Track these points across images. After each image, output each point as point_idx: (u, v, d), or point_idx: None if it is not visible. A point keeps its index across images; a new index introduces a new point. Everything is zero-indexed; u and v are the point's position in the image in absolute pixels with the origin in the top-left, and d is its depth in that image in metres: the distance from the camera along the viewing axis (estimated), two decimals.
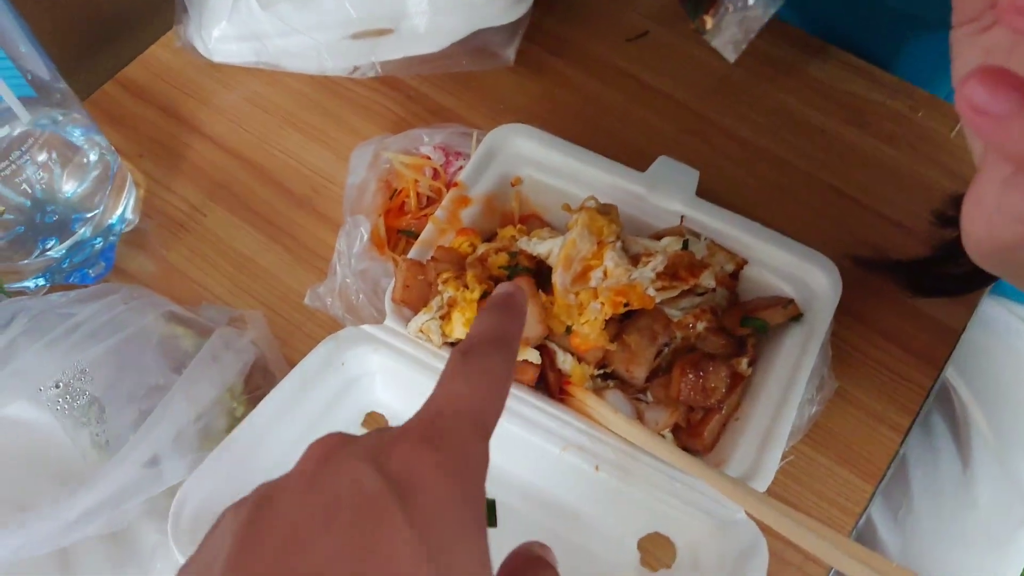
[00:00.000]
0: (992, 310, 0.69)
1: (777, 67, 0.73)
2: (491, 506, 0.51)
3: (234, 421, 0.51)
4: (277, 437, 0.49)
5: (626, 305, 0.52)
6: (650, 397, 0.54)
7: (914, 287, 0.56)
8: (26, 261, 0.60)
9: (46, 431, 0.47)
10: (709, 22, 0.42)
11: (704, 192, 0.59)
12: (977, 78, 0.25)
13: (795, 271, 0.57)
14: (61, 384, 0.48)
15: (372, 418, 0.53)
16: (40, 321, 0.47)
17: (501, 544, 0.50)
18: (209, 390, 0.47)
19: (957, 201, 0.32)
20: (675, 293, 0.54)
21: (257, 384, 0.51)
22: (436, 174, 0.64)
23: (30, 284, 0.61)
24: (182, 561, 0.42)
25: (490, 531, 0.51)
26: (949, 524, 0.66)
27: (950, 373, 0.67)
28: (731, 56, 0.41)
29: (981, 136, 0.26)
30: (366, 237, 0.59)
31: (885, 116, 0.71)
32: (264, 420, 0.48)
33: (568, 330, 0.53)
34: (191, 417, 0.46)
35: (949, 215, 0.52)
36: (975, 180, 0.30)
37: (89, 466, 0.45)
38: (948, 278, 0.53)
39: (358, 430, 0.53)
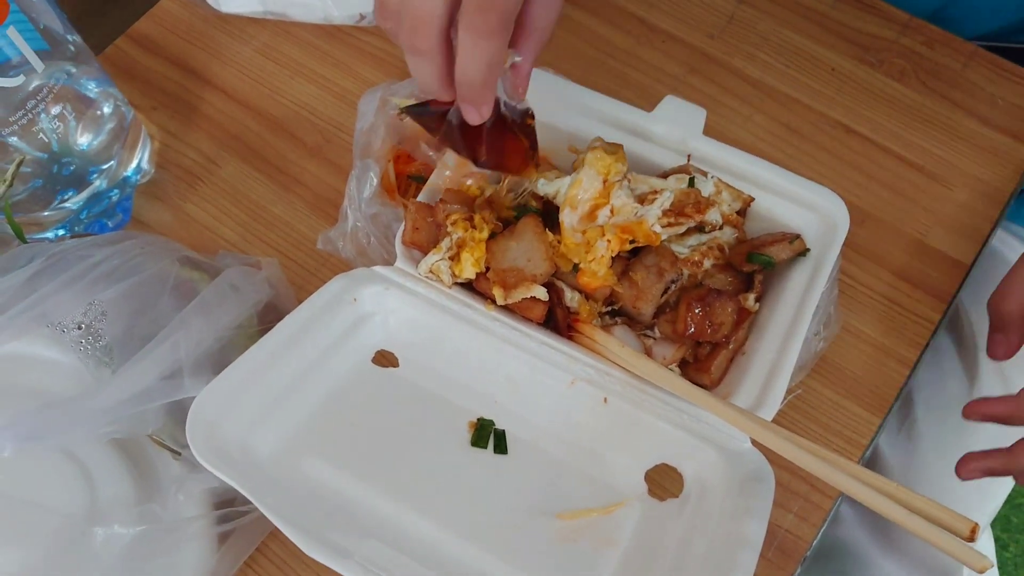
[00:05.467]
0: (1001, 236, 0.69)
1: (784, 4, 0.73)
2: (501, 436, 0.53)
3: None
4: (287, 363, 0.50)
5: (632, 242, 0.53)
6: (657, 333, 0.55)
7: None
8: (46, 213, 0.62)
9: (67, 370, 0.49)
10: None
11: (712, 131, 0.59)
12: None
13: (802, 207, 0.57)
14: (83, 325, 0.49)
15: (382, 355, 0.55)
16: (58, 260, 0.48)
17: (512, 472, 0.51)
18: (225, 315, 0.48)
19: None
20: (681, 230, 0.54)
21: (271, 322, 0.52)
22: None
23: (50, 235, 0.63)
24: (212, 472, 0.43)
25: (501, 459, 0.53)
26: (953, 440, 0.66)
27: (960, 296, 0.67)
28: None
29: None
30: (376, 181, 0.59)
31: (896, 53, 0.70)
32: (275, 346, 0.50)
33: (575, 268, 0.53)
34: (208, 337, 0.47)
35: None
36: None
37: None
38: None
39: (368, 366, 0.54)
